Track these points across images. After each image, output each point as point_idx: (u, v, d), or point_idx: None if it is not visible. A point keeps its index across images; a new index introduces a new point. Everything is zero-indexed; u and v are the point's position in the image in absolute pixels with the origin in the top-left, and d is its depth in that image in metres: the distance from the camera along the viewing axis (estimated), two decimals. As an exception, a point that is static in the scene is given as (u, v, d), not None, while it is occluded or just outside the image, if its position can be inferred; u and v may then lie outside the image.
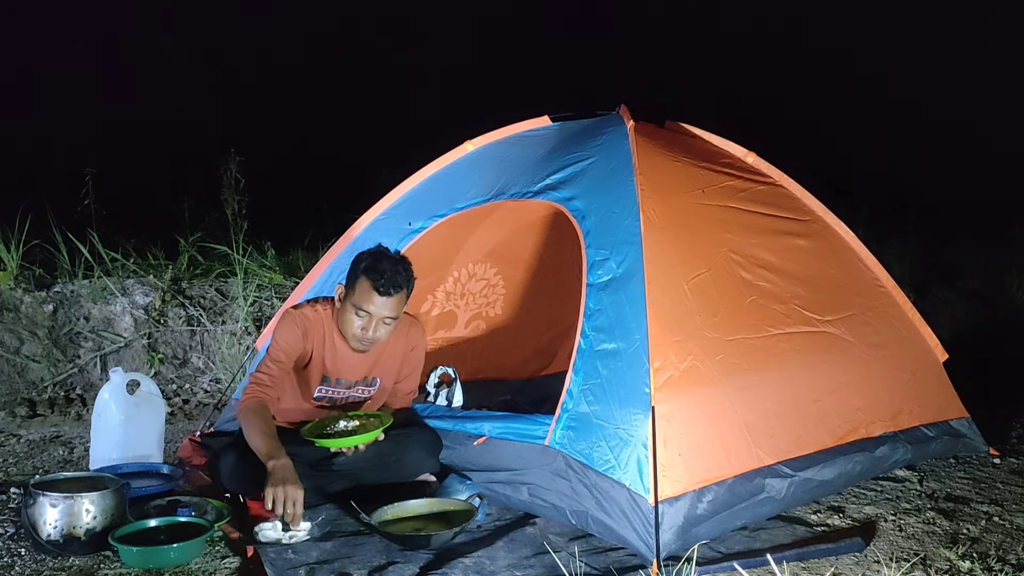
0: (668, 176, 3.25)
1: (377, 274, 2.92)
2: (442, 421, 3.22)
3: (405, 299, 3.03)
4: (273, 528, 2.65)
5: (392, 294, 2.95)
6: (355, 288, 2.97)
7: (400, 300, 3.00)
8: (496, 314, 4.55)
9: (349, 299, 2.99)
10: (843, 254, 3.67)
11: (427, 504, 2.88)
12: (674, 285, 2.90)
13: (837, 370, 3.24)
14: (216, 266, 5.60)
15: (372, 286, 2.92)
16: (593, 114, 3.68)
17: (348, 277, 3.02)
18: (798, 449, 2.96)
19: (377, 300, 2.94)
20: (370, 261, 2.97)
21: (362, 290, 2.94)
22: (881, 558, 2.65)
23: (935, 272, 7.10)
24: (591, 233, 3.05)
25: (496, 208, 3.81)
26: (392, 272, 2.94)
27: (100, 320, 4.94)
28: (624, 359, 2.75)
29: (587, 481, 2.71)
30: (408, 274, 3.01)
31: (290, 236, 6.18)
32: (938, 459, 3.59)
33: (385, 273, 2.92)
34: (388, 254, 3.02)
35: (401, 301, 3.01)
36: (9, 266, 4.99)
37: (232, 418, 3.56)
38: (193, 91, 10.40)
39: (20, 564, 2.56)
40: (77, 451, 3.79)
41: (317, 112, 11.01)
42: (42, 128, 9.01)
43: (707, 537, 2.65)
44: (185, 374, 5.00)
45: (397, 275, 2.95)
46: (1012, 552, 2.73)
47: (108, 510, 2.62)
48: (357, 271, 2.98)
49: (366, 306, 2.94)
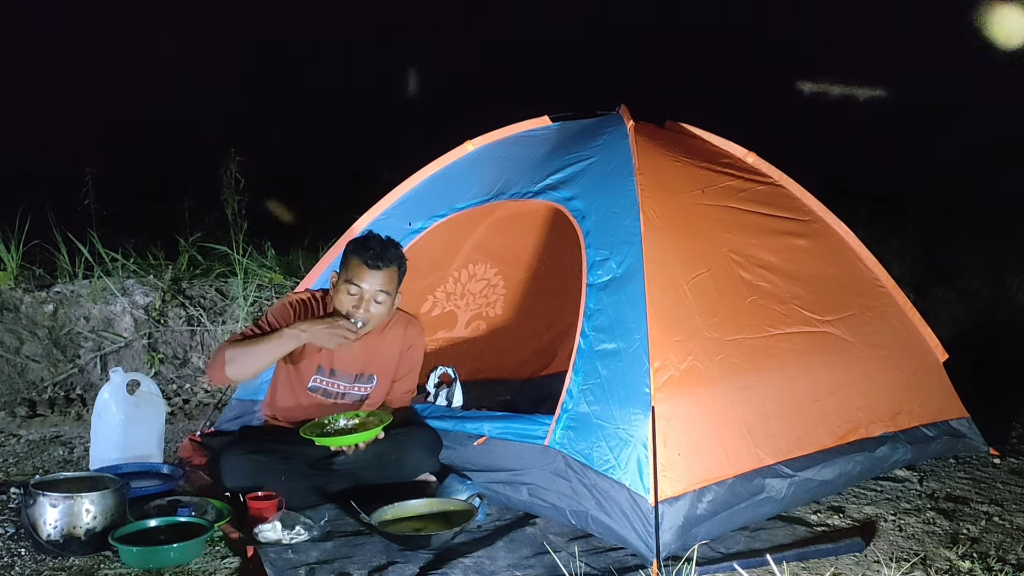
0: (668, 176, 3.25)
1: (365, 248, 3.02)
2: (442, 421, 3.22)
3: (397, 277, 3.08)
4: (273, 528, 2.65)
5: (381, 267, 3.00)
6: (347, 266, 3.05)
7: (391, 275, 3.04)
8: (496, 314, 4.55)
9: (341, 278, 3.06)
10: (843, 254, 3.67)
11: (427, 504, 2.88)
12: (674, 285, 2.90)
13: (837, 370, 3.24)
14: (216, 266, 5.60)
15: (361, 259, 3.00)
16: (593, 114, 3.68)
17: (340, 262, 3.11)
18: (798, 449, 2.96)
19: (368, 274, 3.00)
20: (359, 240, 3.09)
21: (353, 266, 3.02)
22: (881, 558, 2.65)
23: (935, 272, 7.10)
24: (591, 233, 3.05)
25: (496, 208, 3.81)
26: (381, 247, 3.03)
27: (100, 320, 4.94)
28: (624, 359, 2.75)
29: (587, 481, 2.71)
30: (398, 252, 3.09)
31: (290, 236, 6.19)
32: (938, 459, 3.59)
33: (374, 247, 3.01)
34: (376, 235, 3.11)
35: (392, 277, 3.05)
36: (9, 266, 4.99)
37: (232, 418, 3.56)
38: (193, 91, 10.39)
39: (20, 564, 2.56)
40: (77, 451, 3.79)
41: (317, 112, 11.01)
42: (42, 128, 9.00)
43: (707, 537, 2.65)
44: (185, 374, 5.00)
45: (386, 250, 3.03)
46: (1012, 552, 2.73)
47: (108, 510, 2.62)
48: (347, 252, 3.08)
49: (357, 280, 3.00)
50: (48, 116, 9.35)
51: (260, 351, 2.91)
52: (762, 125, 6.56)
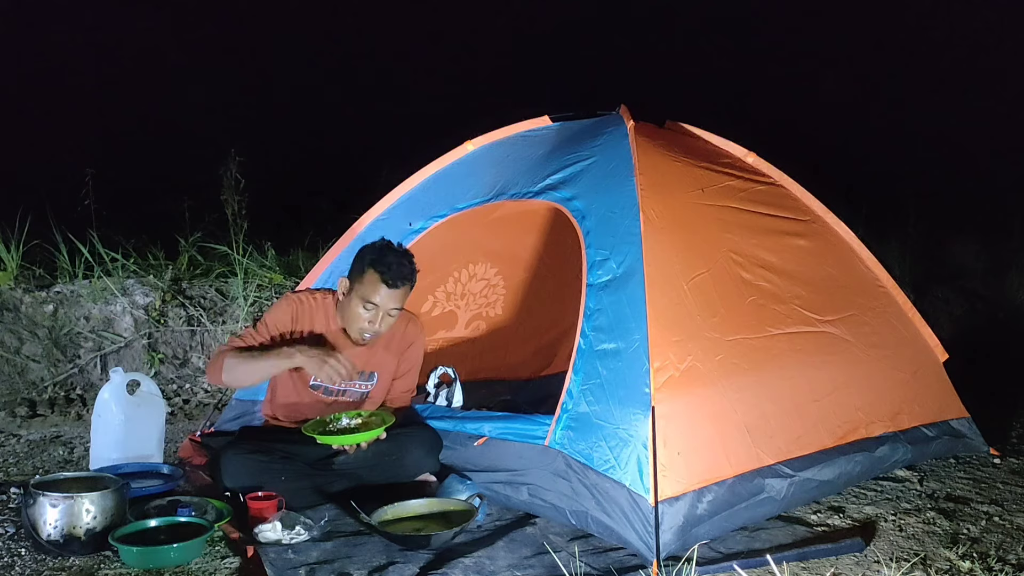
0: (668, 176, 3.25)
1: (385, 266, 2.98)
2: (442, 421, 3.23)
3: (409, 291, 3.08)
4: (273, 528, 2.65)
5: (400, 286, 3.00)
6: (362, 280, 3.01)
7: (406, 292, 3.06)
8: (496, 314, 4.55)
9: (355, 292, 3.03)
10: (843, 254, 3.67)
11: (427, 504, 2.88)
12: (674, 285, 2.90)
13: (837, 370, 3.24)
14: (216, 266, 5.60)
15: (380, 278, 2.97)
16: (593, 114, 3.68)
17: (353, 269, 3.07)
18: (798, 449, 2.95)
19: (385, 292, 2.99)
20: (377, 254, 3.02)
21: (369, 282, 2.99)
22: (881, 558, 2.65)
23: (935, 272, 7.10)
24: (591, 233, 3.05)
25: (496, 208, 3.80)
26: (399, 265, 3.00)
27: (100, 320, 4.94)
28: (624, 359, 2.75)
29: (587, 481, 2.71)
30: (413, 267, 3.07)
31: (290, 236, 6.19)
32: (938, 459, 3.59)
33: (392, 265, 2.98)
34: (393, 247, 3.07)
35: (406, 293, 3.07)
36: (9, 266, 4.99)
37: (232, 418, 3.56)
38: (193, 91, 10.39)
39: (20, 564, 2.56)
40: (77, 451, 3.79)
41: (317, 112, 11.02)
42: (42, 128, 9.01)
43: (707, 537, 2.65)
44: (185, 374, 5.00)
45: (403, 267, 3.01)
46: (1012, 552, 2.73)
47: (108, 510, 2.62)
48: (363, 263, 3.02)
49: (373, 298, 2.99)
50: (48, 116, 9.36)
51: (256, 368, 2.96)
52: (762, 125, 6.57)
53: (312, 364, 2.88)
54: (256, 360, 2.95)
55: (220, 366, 2.94)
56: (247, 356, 2.96)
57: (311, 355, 2.89)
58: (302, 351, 2.91)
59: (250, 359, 2.95)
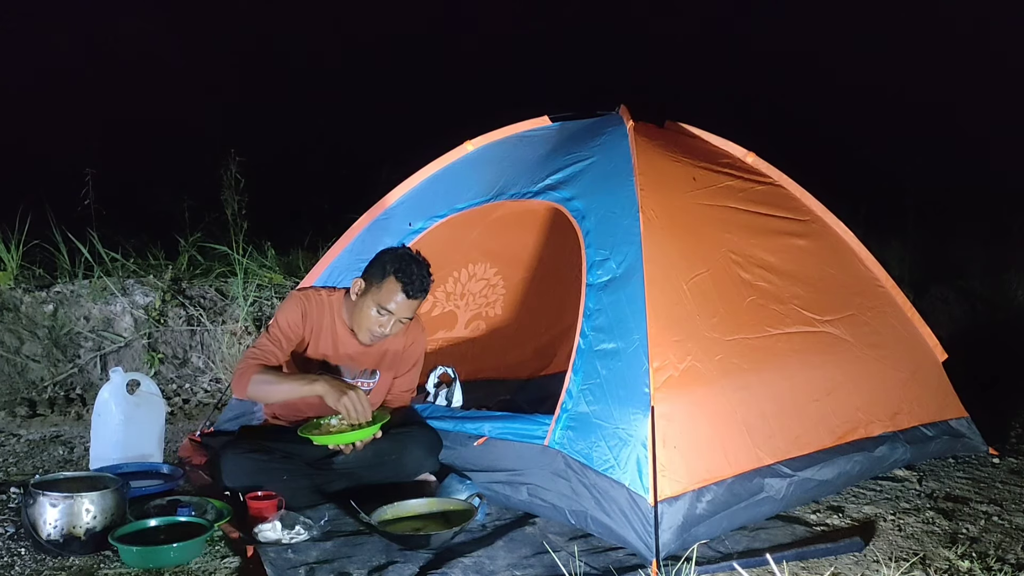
0: (668, 176, 3.25)
1: (408, 277, 3.01)
2: (442, 421, 3.23)
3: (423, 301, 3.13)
4: (273, 528, 2.65)
5: (419, 298, 3.06)
6: (381, 286, 3.03)
7: (420, 302, 3.11)
8: (496, 314, 4.55)
9: (371, 295, 3.05)
10: (843, 254, 3.67)
11: (427, 504, 2.88)
12: (673, 285, 2.90)
13: (836, 370, 3.24)
14: (216, 266, 5.61)
15: (401, 288, 3.01)
16: (593, 114, 3.68)
17: (371, 273, 3.09)
18: (797, 449, 2.96)
19: (402, 301, 3.03)
20: (400, 263, 3.04)
21: (388, 289, 3.02)
22: (880, 558, 2.65)
23: (935, 272, 7.10)
24: (591, 233, 3.06)
25: (496, 208, 3.80)
26: (420, 277, 3.04)
27: (100, 320, 4.95)
28: (623, 359, 2.75)
29: (586, 481, 2.71)
30: (430, 278, 3.11)
31: (290, 236, 6.19)
32: (937, 459, 3.59)
33: (415, 277, 3.02)
34: (416, 257, 3.10)
35: (420, 303, 3.12)
36: (9, 266, 5.00)
37: (232, 418, 3.56)
38: (193, 91, 10.40)
39: (20, 564, 2.56)
40: (77, 451, 3.79)
41: (317, 112, 11.02)
42: (42, 128, 9.01)
43: (706, 537, 2.65)
44: (185, 374, 5.01)
45: (424, 280, 3.06)
46: (1011, 552, 2.73)
47: (108, 510, 2.62)
48: (384, 270, 3.04)
49: (389, 305, 3.03)
50: (48, 116, 9.36)
51: (280, 390, 3.00)
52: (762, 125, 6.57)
53: (331, 396, 2.88)
54: (280, 383, 2.99)
55: (246, 384, 2.96)
56: (272, 377, 2.98)
57: (332, 385, 2.90)
58: (325, 380, 2.92)
59: (274, 381, 2.98)
